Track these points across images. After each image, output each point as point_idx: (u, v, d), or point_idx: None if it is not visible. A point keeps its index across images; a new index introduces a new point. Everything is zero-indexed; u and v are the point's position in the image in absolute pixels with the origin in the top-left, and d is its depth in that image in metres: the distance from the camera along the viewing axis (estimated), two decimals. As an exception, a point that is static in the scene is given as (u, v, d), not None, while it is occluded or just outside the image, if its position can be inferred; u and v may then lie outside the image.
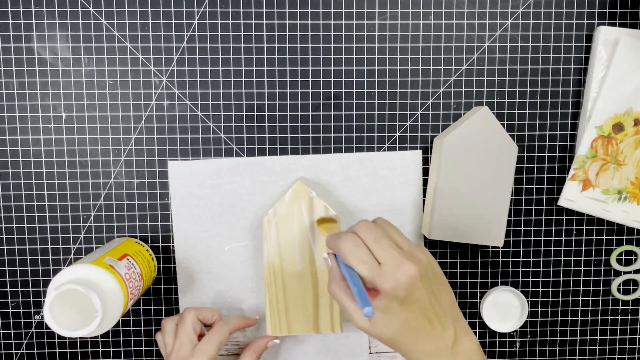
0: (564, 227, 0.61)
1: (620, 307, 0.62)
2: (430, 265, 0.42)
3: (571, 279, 0.62)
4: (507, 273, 0.61)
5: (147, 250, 0.57)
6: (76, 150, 0.58)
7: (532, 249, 0.61)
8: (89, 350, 0.60)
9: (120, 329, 0.60)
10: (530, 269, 0.61)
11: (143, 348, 0.60)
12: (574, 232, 0.61)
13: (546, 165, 0.60)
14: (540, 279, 0.61)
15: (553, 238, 0.61)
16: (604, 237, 0.61)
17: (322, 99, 0.58)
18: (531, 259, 0.61)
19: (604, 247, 0.61)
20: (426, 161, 0.59)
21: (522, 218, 0.61)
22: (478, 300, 0.61)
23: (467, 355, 0.42)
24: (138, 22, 0.56)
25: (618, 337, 0.63)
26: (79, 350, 0.60)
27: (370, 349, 0.61)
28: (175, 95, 0.57)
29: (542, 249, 0.61)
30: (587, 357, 0.63)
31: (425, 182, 0.59)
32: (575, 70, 0.59)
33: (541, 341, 0.63)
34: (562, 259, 0.61)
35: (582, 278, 0.62)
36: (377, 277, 0.39)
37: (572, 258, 0.61)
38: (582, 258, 0.61)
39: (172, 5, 0.56)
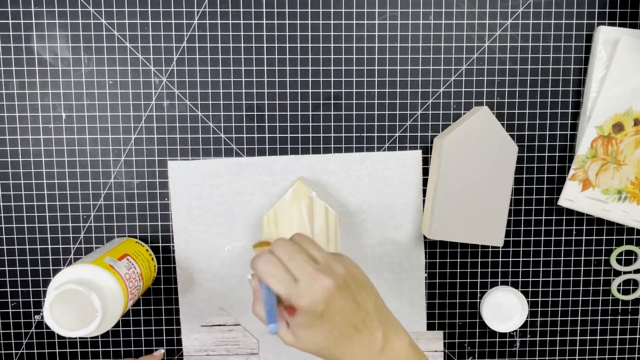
0: (564, 227, 0.61)
1: (620, 307, 0.62)
2: (351, 274, 0.42)
3: (571, 279, 0.62)
4: (507, 273, 0.61)
5: (147, 250, 0.57)
6: (76, 150, 0.58)
7: (532, 249, 0.61)
8: (89, 350, 0.60)
9: (120, 329, 0.60)
10: (530, 269, 0.61)
11: (143, 348, 0.60)
12: (574, 232, 0.61)
13: (546, 165, 0.60)
14: (540, 279, 0.61)
15: (553, 238, 0.61)
16: (604, 237, 0.61)
17: (322, 99, 0.58)
18: (531, 259, 0.61)
19: (604, 247, 0.61)
20: (426, 161, 0.59)
21: (522, 218, 0.61)
22: (478, 300, 0.62)
23: (397, 354, 0.42)
24: (138, 22, 0.56)
25: (618, 337, 0.63)
26: (79, 350, 0.60)
27: (370, 349, 0.61)
28: (175, 95, 0.57)
29: (542, 249, 0.61)
30: (587, 357, 0.63)
31: (425, 182, 0.59)
32: (575, 70, 0.59)
33: (541, 341, 0.63)
34: (562, 259, 0.61)
35: (582, 278, 0.62)
36: (292, 294, 0.39)
37: (572, 258, 0.61)
38: (582, 258, 0.61)
39: (172, 5, 0.56)
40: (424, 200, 0.59)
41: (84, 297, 0.47)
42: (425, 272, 0.61)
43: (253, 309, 0.43)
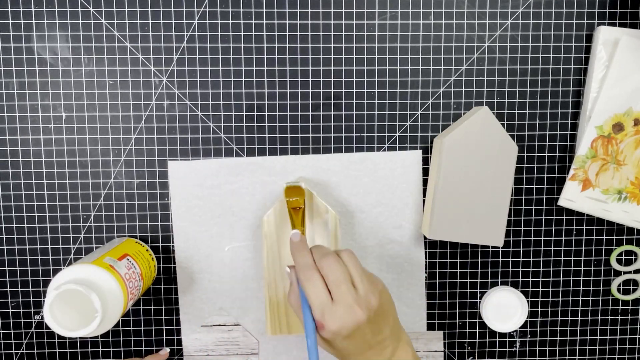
0: (564, 227, 0.61)
1: (620, 307, 0.62)
2: (381, 305, 0.45)
3: (571, 279, 0.62)
4: (507, 273, 0.61)
5: (147, 250, 0.57)
6: (76, 150, 0.58)
7: (532, 249, 0.61)
8: (89, 350, 0.60)
9: (120, 329, 0.60)
10: (530, 269, 0.61)
11: (143, 348, 0.60)
12: (574, 232, 0.61)
13: (546, 165, 0.60)
14: (540, 279, 0.61)
15: (553, 238, 0.61)
16: (604, 237, 0.61)
17: (322, 99, 0.58)
18: (531, 259, 0.61)
19: (604, 247, 0.61)
20: (426, 161, 0.59)
21: (522, 218, 0.61)
22: (478, 300, 0.62)
23: None
24: (138, 22, 0.56)
25: (618, 337, 0.63)
26: (79, 350, 0.60)
27: (370, 349, 0.61)
28: (175, 95, 0.57)
29: (542, 249, 0.61)
30: (587, 357, 0.63)
31: (425, 182, 0.59)
32: (575, 70, 0.59)
33: (541, 341, 0.63)
34: (562, 259, 0.61)
35: (582, 278, 0.62)
36: (327, 316, 0.43)
37: (572, 258, 0.61)
38: (582, 258, 0.61)
39: (172, 5, 0.56)
40: (424, 200, 0.59)
41: (84, 297, 0.47)
42: (425, 272, 0.61)
43: (289, 299, 0.47)
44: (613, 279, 0.62)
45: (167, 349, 0.60)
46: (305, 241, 0.48)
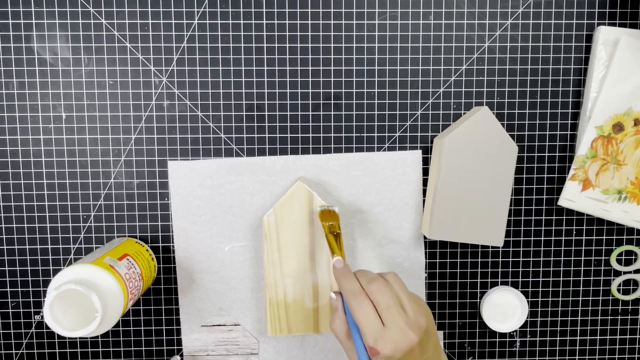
0: (564, 227, 0.61)
1: (620, 307, 0.62)
2: (427, 326, 0.45)
3: (571, 279, 0.62)
4: (507, 273, 0.61)
5: (147, 250, 0.57)
6: (76, 150, 0.58)
7: (532, 249, 0.61)
8: (89, 350, 0.60)
9: (120, 329, 0.60)
10: (530, 269, 0.61)
11: (143, 348, 0.60)
12: (574, 232, 0.61)
13: (546, 165, 0.60)
14: (540, 279, 0.62)
15: (553, 238, 0.61)
16: (604, 237, 0.61)
17: (322, 99, 0.58)
18: (531, 259, 0.61)
19: (604, 247, 0.61)
20: (426, 161, 0.59)
21: (522, 218, 0.61)
22: (478, 300, 0.62)
23: None
24: (138, 22, 0.56)
25: (618, 337, 0.63)
26: (79, 350, 0.60)
27: (370, 349, 0.61)
28: (175, 95, 0.57)
29: (542, 249, 0.61)
30: (587, 357, 0.63)
31: (425, 182, 0.59)
32: (575, 70, 0.59)
33: (541, 341, 0.63)
34: (562, 259, 0.61)
35: (582, 278, 0.62)
36: (380, 341, 0.43)
37: (572, 258, 0.61)
38: (582, 258, 0.61)
39: (172, 5, 0.56)
40: (424, 200, 0.59)
41: (84, 297, 0.47)
42: (425, 272, 0.61)
43: (332, 325, 0.47)
44: (613, 279, 0.62)
45: (178, 357, 0.60)
46: (348, 267, 0.48)
